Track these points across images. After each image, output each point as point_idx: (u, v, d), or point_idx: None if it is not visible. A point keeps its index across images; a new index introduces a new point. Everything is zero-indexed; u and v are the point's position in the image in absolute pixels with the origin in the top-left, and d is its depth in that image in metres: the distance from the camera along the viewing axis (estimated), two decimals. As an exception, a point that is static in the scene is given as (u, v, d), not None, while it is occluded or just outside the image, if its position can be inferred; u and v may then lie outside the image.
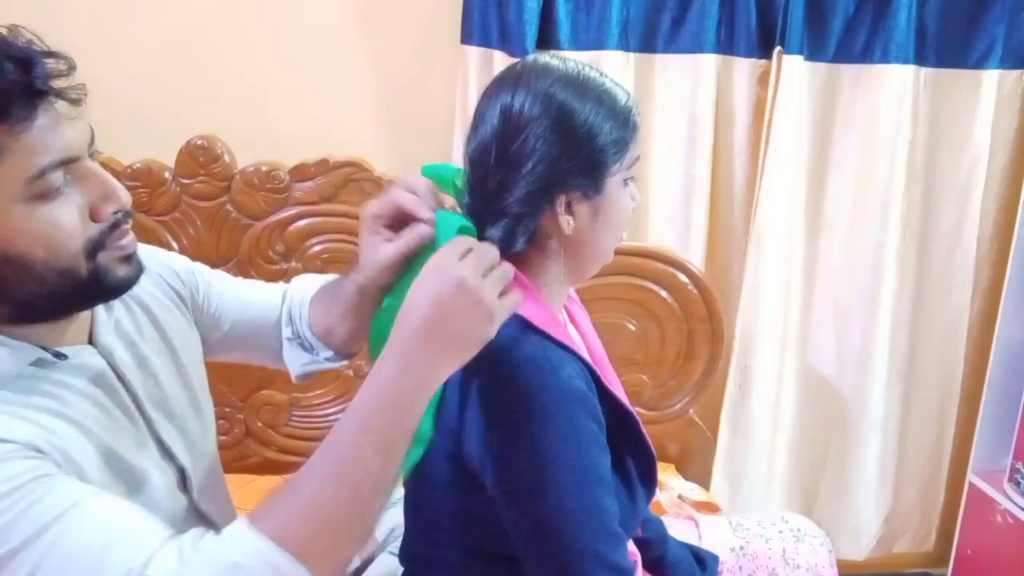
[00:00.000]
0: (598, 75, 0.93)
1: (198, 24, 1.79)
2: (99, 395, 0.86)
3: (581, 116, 0.89)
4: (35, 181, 0.75)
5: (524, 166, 0.89)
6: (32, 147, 0.75)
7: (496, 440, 0.87)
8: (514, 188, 0.89)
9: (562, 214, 0.91)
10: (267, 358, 1.18)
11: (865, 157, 1.94)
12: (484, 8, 1.78)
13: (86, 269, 0.80)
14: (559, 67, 0.92)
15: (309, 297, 1.14)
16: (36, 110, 0.75)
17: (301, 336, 1.13)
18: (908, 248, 2.00)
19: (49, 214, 0.77)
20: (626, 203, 0.96)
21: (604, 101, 0.91)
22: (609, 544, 0.87)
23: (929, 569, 2.31)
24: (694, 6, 1.83)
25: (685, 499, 1.75)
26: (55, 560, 0.69)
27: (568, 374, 0.87)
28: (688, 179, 1.92)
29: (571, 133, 0.89)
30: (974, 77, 1.93)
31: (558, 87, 0.90)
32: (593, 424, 0.87)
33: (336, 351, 1.13)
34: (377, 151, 1.81)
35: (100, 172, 0.82)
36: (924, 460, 2.18)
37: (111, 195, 0.82)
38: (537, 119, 0.88)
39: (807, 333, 2.08)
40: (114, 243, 0.83)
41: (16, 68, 0.75)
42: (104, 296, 0.86)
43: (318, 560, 0.74)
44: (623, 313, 1.84)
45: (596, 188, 0.92)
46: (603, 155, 0.91)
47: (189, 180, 1.69)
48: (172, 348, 1.00)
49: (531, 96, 0.89)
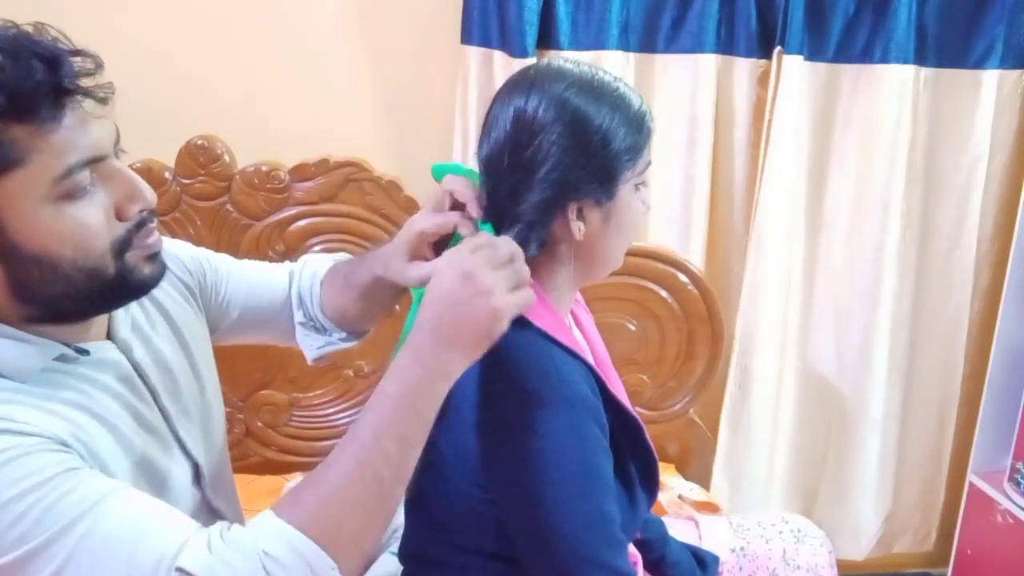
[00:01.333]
0: (612, 79, 0.92)
1: (198, 24, 1.79)
2: (121, 390, 0.87)
3: (595, 122, 0.89)
4: (62, 180, 0.75)
5: (537, 172, 0.88)
6: (59, 147, 0.75)
7: (499, 444, 0.87)
8: (527, 194, 0.89)
9: (573, 220, 0.91)
10: (278, 339, 1.18)
11: (865, 157, 1.94)
12: (484, 8, 1.78)
13: (113, 268, 0.80)
14: (573, 71, 0.91)
15: (320, 278, 1.14)
16: (64, 109, 0.75)
17: (314, 319, 1.14)
18: (908, 248, 2.00)
19: (76, 213, 0.77)
20: (637, 208, 0.95)
21: (619, 107, 0.90)
22: (611, 550, 0.87)
23: (929, 569, 2.31)
24: (694, 6, 1.83)
25: (685, 499, 1.75)
26: (86, 553, 0.69)
27: (573, 379, 0.87)
28: (688, 179, 1.92)
29: (585, 139, 0.88)
30: (974, 77, 1.93)
31: (572, 92, 0.89)
32: (597, 429, 0.87)
33: (350, 332, 1.14)
34: (377, 151, 1.81)
35: (125, 171, 0.82)
36: (924, 460, 2.18)
37: (137, 194, 0.81)
38: (551, 124, 0.88)
39: (807, 333, 2.08)
40: (141, 242, 0.83)
41: (44, 67, 0.74)
42: (130, 296, 0.86)
43: (344, 547, 0.74)
44: (623, 313, 1.84)
45: (608, 194, 0.91)
46: (616, 162, 0.90)
47: (189, 180, 1.69)
48: (184, 342, 1.00)
49: (545, 101, 0.88)
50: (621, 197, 0.92)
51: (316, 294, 1.13)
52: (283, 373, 1.81)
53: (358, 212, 1.75)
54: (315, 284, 1.14)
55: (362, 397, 1.84)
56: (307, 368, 1.80)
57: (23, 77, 0.73)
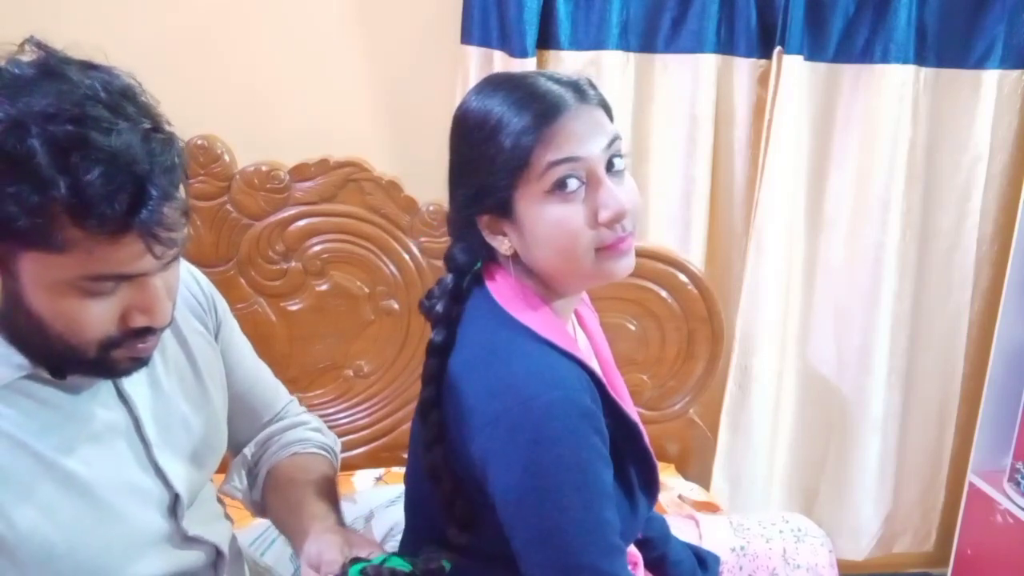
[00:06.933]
0: (532, 75, 0.89)
1: (199, 24, 1.79)
2: (84, 412, 0.85)
3: (471, 126, 0.87)
4: (88, 281, 0.74)
5: (450, 190, 0.91)
6: (103, 259, 0.73)
7: (498, 450, 0.86)
8: (451, 211, 0.92)
9: (488, 235, 0.90)
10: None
11: (865, 157, 1.94)
12: (484, 8, 1.78)
13: (94, 355, 0.79)
14: (490, 77, 0.91)
15: (286, 453, 1.10)
16: (128, 235, 0.72)
17: (253, 475, 1.11)
18: (908, 248, 2.00)
19: (81, 306, 0.76)
20: (558, 218, 0.85)
21: (508, 105, 0.85)
22: (609, 557, 0.87)
23: (929, 569, 2.31)
24: (694, 6, 1.83)
25: (685, 499, 1.75)
26: None
27: (572, 386, 0.86)
28: (688, 179, 1.91)
29: (462, 150, 0.88)
30: (974, 77, 1.93)
31: (470, 97, 0.88)
32: (596, 438, 0.86)
33: (252, 505, 1.12)
34: (377, 151, 1.81)
35: (154, 287, 0.79)
36: (924, 460, 2.18)
37: (150, 311, 0.79)
38: (450, 138, 0.90)
39: (807, 333, 2.08)
40: (132, 346, 0.81)
41: (128, 198, 0.70)
42: (101, 376, 0.85)
43: None
44: (623, 313, 1.84)
45: (504, 209, 0.87)
46: (498, 170, 0.85)
47: (189, 180, 1.69)
48: (196, 369, 0.98)
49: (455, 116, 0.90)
50: (526, 210, 0.86)
51: (272, 463, 1.10)
52: (283, 373, 1.79)
53: (358, 212, 1.75)
54: (281, 454, 1.10)
55: (362, 397, 1.84)
56: (307, 368, 1.81)
57: (103, 199, 0.69)
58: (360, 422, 1.84)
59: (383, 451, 1.85)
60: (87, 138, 0.69)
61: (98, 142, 0.69)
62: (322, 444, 1.15)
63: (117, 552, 0.86)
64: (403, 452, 1.83)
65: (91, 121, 0.70)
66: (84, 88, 0.72)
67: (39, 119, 0.69)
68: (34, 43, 0.75)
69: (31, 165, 0.68)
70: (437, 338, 0.92)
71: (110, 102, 0.72)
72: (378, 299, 1.79)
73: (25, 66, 0.73)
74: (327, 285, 1.77)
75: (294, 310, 1.78)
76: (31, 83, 0.71)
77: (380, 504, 1.46)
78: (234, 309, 1.14)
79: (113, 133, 0.71)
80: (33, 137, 0.68)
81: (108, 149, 0.70)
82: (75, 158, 0.69)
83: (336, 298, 1.78)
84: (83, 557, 0.83)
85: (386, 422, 1.84)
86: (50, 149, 0.68)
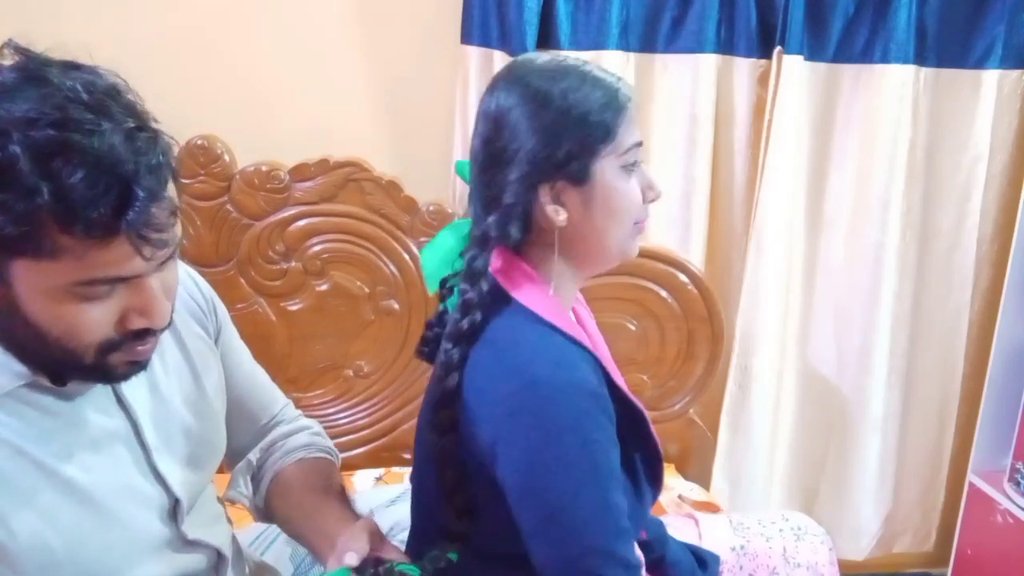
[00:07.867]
0: (583, 63, 0.92)
1: (198, 24, 1.79)
2: (85, 419, 0.85)
3: (556, 100, 0.89)
4: (82, 286, 0.73)
5: (506, 158, 0.89)
6: (94, 263, 0.72)
7: (506, 431, 0.86)
8: (501, 182, 0.90)
9: (548, 204, 0.90)
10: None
11: (865, 157, 1.94)
12: (484, 8, 1.78)
13: (92, 360, 0.79)
14: (541, 58, 0.93)
15: (291, 459, 1.10)
16: (116, 238, 0.71)
17: (256, 480, 1.11)
18: (908, 248, 2.00)
19: (78, 310, 0.75)
20: (627, 190, 0.92)
21: (584, 83, 0.89)
22: (619, 539, 0.87)
23: (929, 569, 2.31)
24: (694, 6, 1.83)
25: (685, 499, 1.75)
26: None
27: (580, 368, 0.87)
28: (688, 179, 1.91)
29: (546, 119, 0.89)
30: (974, 77, 1.93)
31: (534, 75, 0.90)
32: (604, 418, 0.87)
33: (256, 511, 1.12)
34: (377, 151, 1.81)
35: (151, 290, 0.78)
36: (924, 460, 2.18)
37: (148, 312, 0.78)
38: (512, 109, 0.89)
39: (807, 333, 2.08)
40: (130, 349, 0.81)
41: (115, 200, 0.69)
42: (99, 380, 0.84)
43: None
44: (623, 313, 1.84)
45: (581, 176, 0.90)
46: (585, 140, 0.89)
47: (189, 180, 1.69)
48: (195, 373, 0.98)
49: (510, 87, 0.90)
50: (600, 179, 0.91)
51: (276, 468, 1.09)
52: (283, 373, 1.81)
53: (358, 212, 1.75)
54: (286, 460, 1.10)
55: (362, 397, 1.84)
56: (307, 368, 1.81)
57: (88, 203, 0.68)
58: (360, 422, 1.84)
59: (383, 451, 1.85)
60: (69, 142, 0.68)
61: (80, 145, 0.68)
62: (326, 448, 1.15)
63: (117, 558, 0.86)
64: (403, 452, 1.85)
65: (73, 124, 0.69)
66: (66, 91, 0.71)
67: (20, 125, 0.68)
68: (13, 47, 0.74)
69: (14, 172, 0.67)
70: (465, 324, 0.91)
71: (93, 103, 0.71)
72: (378, 299, 1.79)
73: (5, 71, 0.72)
74: (327, 285, 1.78)
75: (294, 310, 1.78)
76: (11, 89, 0.70)
77: (380, 504, 1.46)
78: (234, 309, 1.14)
79: (96, 135, 0.69)
80: (15, 144, 0.67)
81: (91, 152, 0.69)
82: (57, 163, 0.68)
83: (336, 298, 1.78)
84: (83, 563, 0.83)
85: (386, 422, 1.85)
86: (32, 155, 0.68)
